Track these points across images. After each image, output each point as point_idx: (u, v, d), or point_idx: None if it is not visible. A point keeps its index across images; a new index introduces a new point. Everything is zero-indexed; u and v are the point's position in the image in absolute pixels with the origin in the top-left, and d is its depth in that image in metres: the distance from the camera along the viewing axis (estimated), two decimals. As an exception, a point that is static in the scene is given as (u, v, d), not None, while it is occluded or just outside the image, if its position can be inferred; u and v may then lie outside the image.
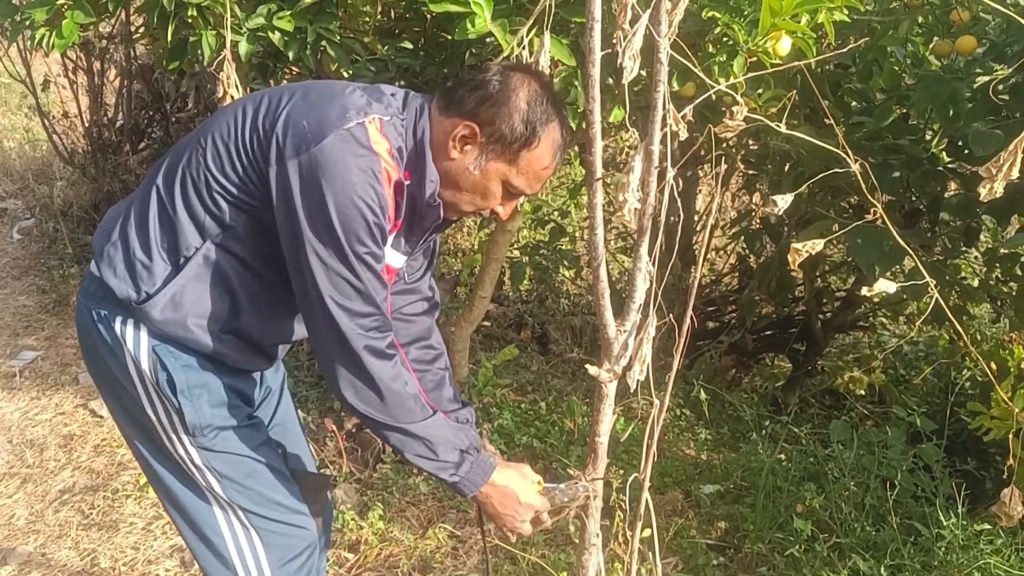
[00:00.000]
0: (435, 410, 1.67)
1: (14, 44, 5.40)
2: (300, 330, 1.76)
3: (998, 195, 1.25)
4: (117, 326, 1.62)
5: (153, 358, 1.61)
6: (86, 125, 5.76)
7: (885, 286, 1.50)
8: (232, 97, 2.32)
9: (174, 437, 1.67)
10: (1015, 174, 1.24)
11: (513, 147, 1.60)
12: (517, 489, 1.73)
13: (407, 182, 1.61)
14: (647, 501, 1.59)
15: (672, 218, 3.76)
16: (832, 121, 1.90)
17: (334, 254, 1.51)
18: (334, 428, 3.32)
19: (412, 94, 1.68)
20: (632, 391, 1.47)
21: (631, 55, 1.27)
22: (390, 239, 1.66)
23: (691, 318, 1.39)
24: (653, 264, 1.38)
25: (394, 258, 1.73)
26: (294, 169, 1.49)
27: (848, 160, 1.38)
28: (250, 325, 1.68)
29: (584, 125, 1.55)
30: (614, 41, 1.27)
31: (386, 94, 1.64)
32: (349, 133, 1.50)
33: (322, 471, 3.13)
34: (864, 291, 1.51)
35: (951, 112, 2.83)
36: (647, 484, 1.55)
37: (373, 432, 1.68)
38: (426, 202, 1.64)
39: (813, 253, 1.45)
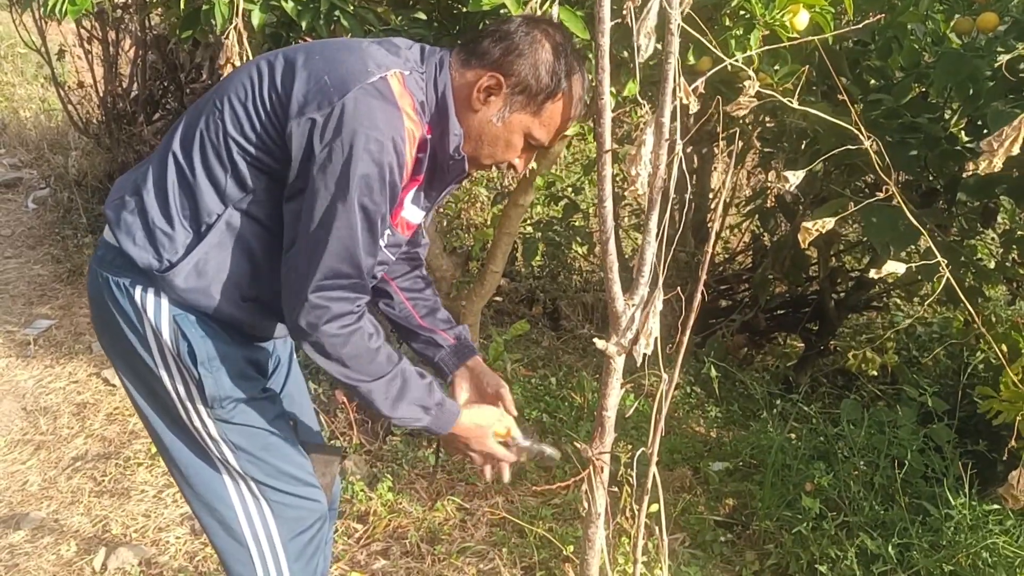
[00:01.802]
0: (398, 360, 1.65)
1: (29, 14, 5.41)
2: None
3: (997, 169, 1.23)
4: (137, 295, 1.60)
5: (174, 327, 1.60)
6: (101, 95, 5.78)
7: (894, 267, 1.48)
8: (234, 66, 2.30)
9: (190, 408, 1.65)
10: (1016, 150, 1.21)
11: (538, 98, 1.60)
12: (479, 432, 1.78)
13: (429, 137, 1.60)
14: (655, 476, 1.59)
15: (684, 194, 3.74)
16: (848, 99, 1.88)
17: (341, 207, 1.48)
18: (344, 400, 3.34)
19: (428, 48, 1.67)
20: (638, 365, 1.47)
21: (646, 32, 1.26)
22: (410, 194, 1.66)
23: (702, 295, 1.38)
24: (662, 238, 1.37)
25: (413, 213, 1.72)
26: (316, 122, 1.47)
27: (862, 138, 1.36)
28: (271, 291, 1.65)
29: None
30: (624, 12, 1.25)
31: (402, 48, 1.63)
32: (373, 87, 1.49)
33: (332, 443, 3.15)
34: (873, 272, 1.49)
35: (971, 91, 2.79)
36: (655, 459, 1.55)
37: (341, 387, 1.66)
38: (449, 156, 1.63)
39: (823, 232, 1.43)
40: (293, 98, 1.51)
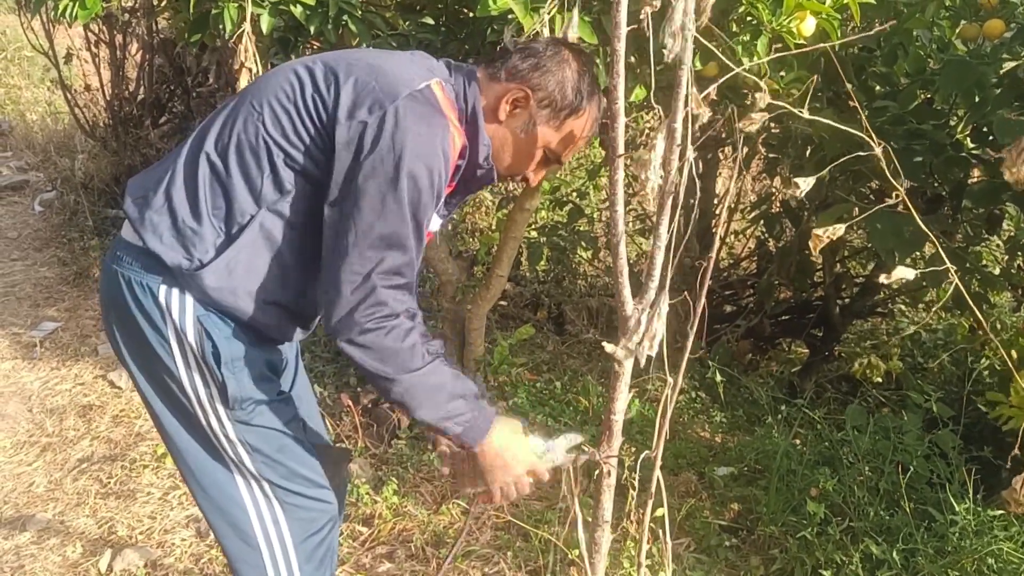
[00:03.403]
0: (435, 356, 1.63)
1: (37, 17, 5.44)
2: None
3: (1023, 179, 1.23)
4: (162, 295, 1.60)
5: (198, 328, 1.60)
6: (108, 99, 5.80)
7: (904, 273, 1.49)
8: (249, 70, 2.32)
9: (209, 409, 1.65)
10: (1038, 158, 1.22)
11: (561, 114, 1.68)
12: (516, 446, 1.70)
13: (467, 145, 1.66)
14: (659, 480, 1.59)
15: (691, 200, 3.75)
16: (855, 104, 1.89)
17: (391, 209, 1.50)
18: (350, 403, 3.34)
19: (453, 63, 1.72)
20: (643, 367, 1.47)
21: (671, 32, 1.26)
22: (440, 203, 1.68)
23: (707, 301, 1.39)
24: (669, 243, 1.38)
25: (435, 222, 1.73)
26: (368, 124, 1.51)
27: (872, 144, 1.36)
28: (298, 294, 1.67)
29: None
30: (641, 17, 1.26)
31: (431, 59, 1.70)
32: (421, 95, 1.55)
33: (339, 445, 3.16)
34: (882, 278, 1.50)
35: (977, 98, 2.79)
36: (659, 463, 1.55)
37: (375, 386, 1.62)
38: (479, 165, 1.68)
39: (834, 239, 1.44)
40: (341, 103, 1.54)
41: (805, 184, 1.33)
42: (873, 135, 1.40)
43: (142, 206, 1.64)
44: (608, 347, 1.52)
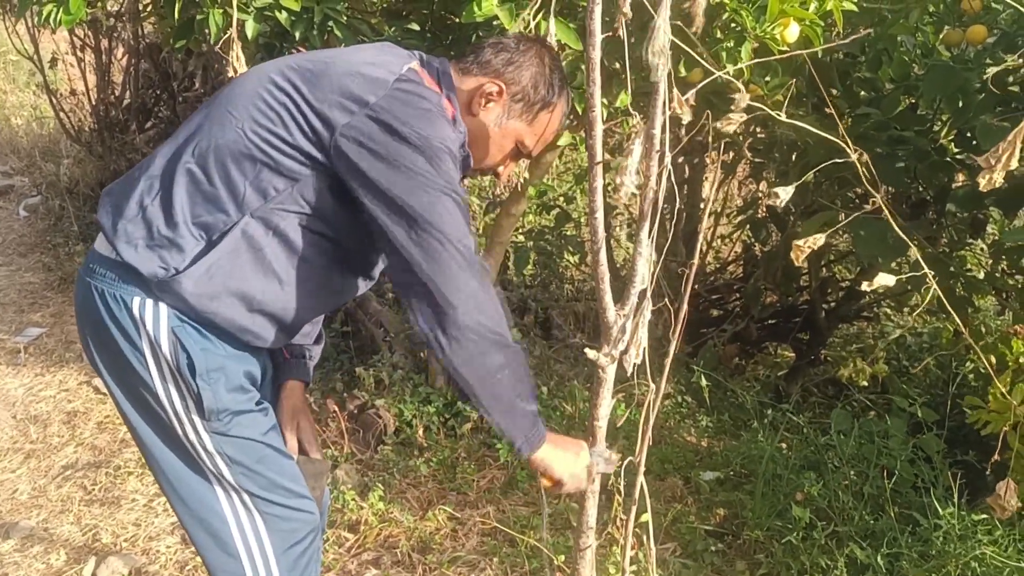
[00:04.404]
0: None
1: (22, 21, 5.42)
2: (322, 307, 1.78)
3: (997, 185, 1.24)
4: (135, 307, 1.58)
5: (173, 340, 1.58)
6: (93, 103, 5.78)
7: (885, 280, 1.50)
8: (240, 75, 2.31)
9: (186, 421, 1.64)
10: (1014, 164, 1.23)
11: (534, 107, 1.72)
12: (570, 449, 1.72)
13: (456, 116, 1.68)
14: (642, 486, 1.60)
15: (674, 204, 3.74)
16: (834, 111, 1.90)
17: (427, 183, 1.50)
18: (336, 409, 3.34)
19: (424, 55, 1.73)
20: (628, 375, 1.48)
21: (654, 51, 1.26)
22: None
23: (692, 305, 1.39)
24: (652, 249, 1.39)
25: None
26: (366, 121, 1.51)
27: (849, 151, 1.37)
28: (284, 300, 1.65)
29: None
30: (616, 26, 1.26)
31: (399, 48, 1.72)
32: (406, 78, 1.57)
33: (324, 452, 3.15)
34: (864, 285, 1.51)
35: (960, 103, 2.81)
36: (643, 468, 1.55)
37: (477, 368, 1.56)
38: (460, 147, 1.67)
39: (815, 248, 1.45)
40: (329, 104, 1.54)
41: (785, 193, 1.33)
42: (856, 141, 1.41)
43: (115, 216, 1.62)
44: (591, 354, 1.52)
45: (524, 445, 1.66)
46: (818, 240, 1.39)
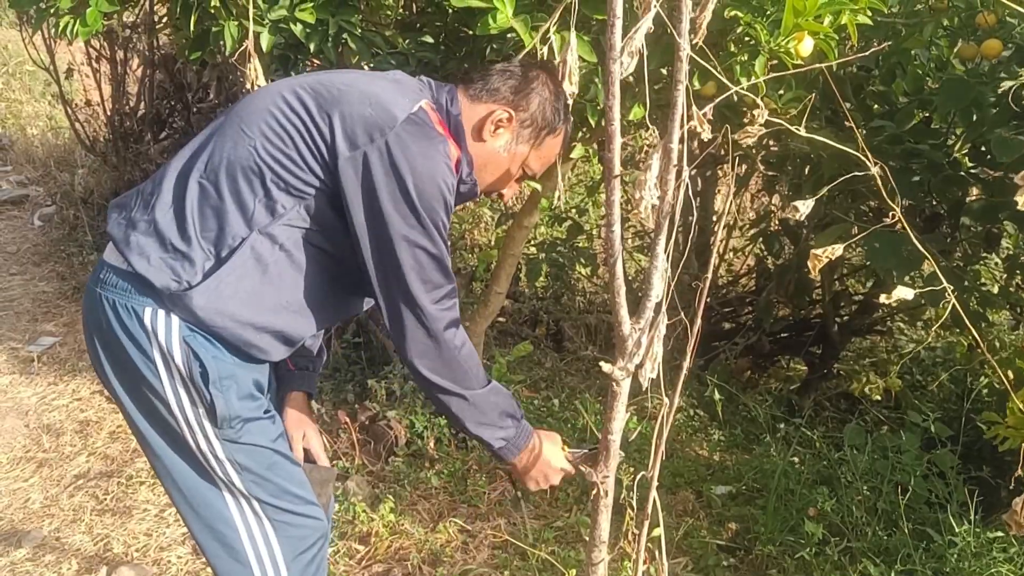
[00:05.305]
0: (489, 380, 1.77)
1: (39, 32, 5.46)
2: (325, 322, 1.79)
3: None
4: (147, 318, 1.59)
5: (185, 349, 1.59)
6: (108, 114, 5.80)
7: (903, 293, 1.50)
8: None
9: (197, 429, 1.65)
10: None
11: (542, 133, 1.78)
12: (549, 455, 1.88)
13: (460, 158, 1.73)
14: (655, 500, 1.59)
15: (689, 217, 3.75)
16: (852, 124, 1.89)
17: (417, 230, 1.59)
18: (347, 420, 3.34)
19: (433, 81, 1.78)
20: (644, 389, 1.47)
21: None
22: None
23: (705, 318, 1.39)
24: (667, 263, 1.38)
25: None
26: (372, 155, 1.56)
27: (868, 163, 1.37)
28: (288, 315, 1.68)
29: (603, 122, 1.56)
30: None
31: (412, 79, 1.76)
32: (417, 117, 1.61)
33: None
34: (882, 298, 1.50)
35: (974, 117, 2.80)
36: (655, 483, 1.55)
37: (433, 400, 1.75)
38: (463, 180, 1.73)
39: (833, 258, 1.45)
40: (338, 131, 1.58)
41: (805, 207, 1.33)
42: (870, 154, 1.40)
43: (127, 228, 1.64)
44: (605, 367, 1.51)
45: (500, 452, 1.82)
46: (836, 250, 1.39)
